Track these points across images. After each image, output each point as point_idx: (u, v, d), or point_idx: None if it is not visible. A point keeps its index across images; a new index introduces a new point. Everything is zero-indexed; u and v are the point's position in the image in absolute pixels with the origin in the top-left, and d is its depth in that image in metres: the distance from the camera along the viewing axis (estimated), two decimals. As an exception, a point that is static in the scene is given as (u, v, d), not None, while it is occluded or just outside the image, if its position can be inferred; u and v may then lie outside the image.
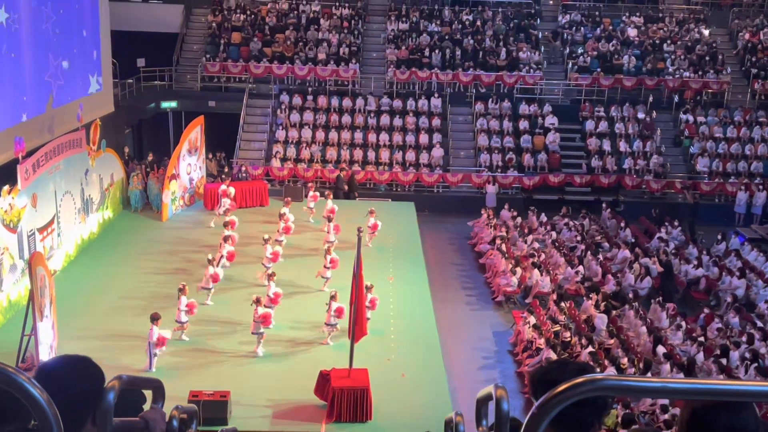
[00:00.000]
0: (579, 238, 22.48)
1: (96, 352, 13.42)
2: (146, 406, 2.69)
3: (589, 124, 28.89)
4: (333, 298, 15.29)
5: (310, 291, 18.09)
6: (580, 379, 1.77)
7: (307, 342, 15.67)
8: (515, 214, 24.35)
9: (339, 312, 15.11)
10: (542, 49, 31.20)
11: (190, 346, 15.17)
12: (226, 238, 18.72)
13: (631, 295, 18.28)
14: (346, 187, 25.71)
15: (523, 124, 28.73)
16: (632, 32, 31.94)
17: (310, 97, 29.36)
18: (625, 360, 14.44)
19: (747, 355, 14.90)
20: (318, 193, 23.23)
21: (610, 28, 32.17)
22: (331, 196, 22.30)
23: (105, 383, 2.15)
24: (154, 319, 14.02)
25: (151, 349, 14.01)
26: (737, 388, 1.81)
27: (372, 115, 28.97)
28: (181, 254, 20.01)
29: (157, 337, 13.90)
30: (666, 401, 12.53)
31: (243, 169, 26.23)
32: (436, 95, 29.54)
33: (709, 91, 30.13)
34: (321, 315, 15.96)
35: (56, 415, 1.75)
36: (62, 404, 1.78)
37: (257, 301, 14.80)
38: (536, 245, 21.60)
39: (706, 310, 17.79)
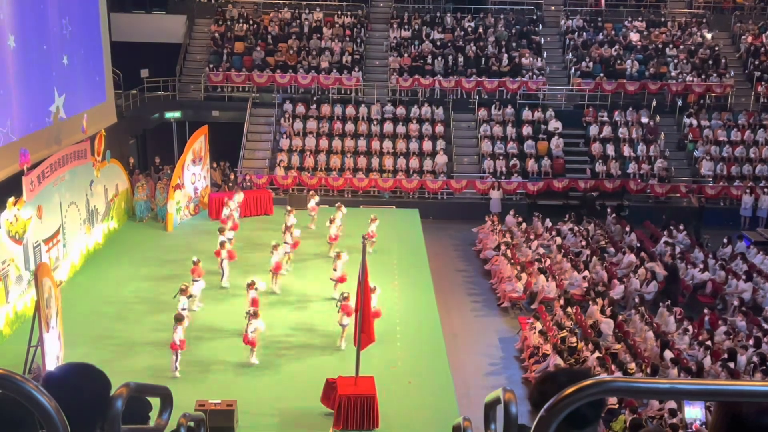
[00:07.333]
0: (584, 243, 22.45)
1: (102, 361, 13.44)
2: (153, 414, 2.68)
3: (593, 129, 28.87)
4: (345, 299, 15.36)
5: (315, 298, 18.09)
6: (588, 382, 1.75)
7: (313, 349, 15.66)
8: (520, 219, 24.33)
9: (346, 310, 15.14)
10: (545, 54, 31.21)
11: (196, 355, 15.16)
12: (222, 243, 18.75)
13: (637, 300, 18.22)
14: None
15: (527, 130, 28.72)
16: (635, 37, 31.94)
17: (313, 106, 29.42)
18: (632, 365, 14.39)
19: (755, 358, 14.85)
20: (317, 206, 23.10)
21: (613, 33, 32.18)
22: (342, 208, 22.14)
23: (111, 389, 2.13)
24: (178, 319, 14.20)
25: (176, 350, 14.20)
26: (746, 389, 1.79)
27: (375, 122, 29.01)
28: (186, 263, 19.93)
29: (179, 339, 14.07)
30: (674, 405, 12.48)
31: (247, 178, 26.28)
32: (438, 102, 29.57)
33: (713, 94, 30.08)
34: (326, 322, 15.95)
35: (64, 422, 1.74)
36: (70, 412, 1.77)
37: (254, 315, 14.78)
38: (541, 251, 21.57)
39: (707, 310, 17.70)
